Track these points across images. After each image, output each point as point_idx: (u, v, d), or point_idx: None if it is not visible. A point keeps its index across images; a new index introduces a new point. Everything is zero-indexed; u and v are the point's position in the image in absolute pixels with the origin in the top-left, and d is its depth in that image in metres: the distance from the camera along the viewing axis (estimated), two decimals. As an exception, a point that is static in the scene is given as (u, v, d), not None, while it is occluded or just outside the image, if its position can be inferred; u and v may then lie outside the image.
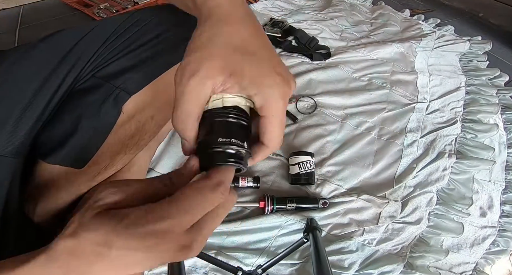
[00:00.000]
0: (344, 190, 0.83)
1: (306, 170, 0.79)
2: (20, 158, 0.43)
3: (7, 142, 0.40)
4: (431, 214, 0.82)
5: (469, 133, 0.99)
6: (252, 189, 0.80)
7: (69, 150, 0.45)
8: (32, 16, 1.33)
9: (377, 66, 1.15)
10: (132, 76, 0.48)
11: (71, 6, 1.39)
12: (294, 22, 1.29)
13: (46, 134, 0.46)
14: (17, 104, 0.41)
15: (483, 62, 1.26)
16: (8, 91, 0.42)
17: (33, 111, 0.42)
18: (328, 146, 0.90)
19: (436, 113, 1.05)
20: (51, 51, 0.46)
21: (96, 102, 0.46)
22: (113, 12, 1.32)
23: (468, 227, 0.82)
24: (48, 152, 0.45)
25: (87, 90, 0.47)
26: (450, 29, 1.39)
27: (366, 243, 0.76)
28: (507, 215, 0.86)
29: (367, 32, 1.34)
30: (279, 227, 0.75)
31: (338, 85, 1.07)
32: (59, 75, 0.45)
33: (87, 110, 0.46)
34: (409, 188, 0.86)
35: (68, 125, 0.45)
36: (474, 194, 0.86)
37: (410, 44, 1.24)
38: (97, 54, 0.48)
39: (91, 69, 0.48)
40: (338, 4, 1.47)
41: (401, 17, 1.46)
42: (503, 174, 0.93)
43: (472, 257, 0.78)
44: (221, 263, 0.64)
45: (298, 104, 0.98)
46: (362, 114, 0.99)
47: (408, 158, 0.92)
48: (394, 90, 1.08)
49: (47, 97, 0.44)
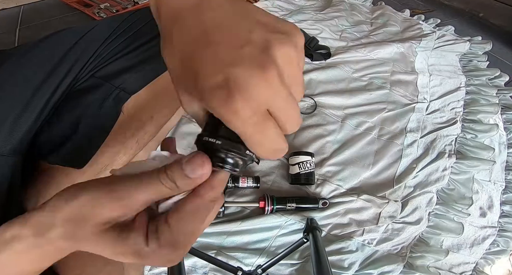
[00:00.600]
0: (344, 190, 0.83)
1: (306, 170, 0.79)
2: (19, 156, 0.43)
3: (6, 141, 0.40)
4: (431, 214, 0.82)
5: (469, 133, 0.99)
6: (252, 189, 0.80)
7: (69, 149, 0.45)
8: (32, 16, 1.33)
9: (377, 66, 1.15)
10: (132, 76, 0.48)
11: (71, 6, 1.39)
12: (294, 22, 1.29)
13: (46, 134, 0.46)
14: (16, 103, 0.42)
15: (483, 62, 1.26)
16: (8, 90, 0.42)
17: (32, 111, 0.43)
18: (328, 146, 0.90)
19: (436, 113, 1.05)
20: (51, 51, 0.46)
21: (96, 102, 0.46)
22: (113, 12, 1.32)
23: (468, 227, 0.82)
24: (48, 152, 0.45)
25: (87, 90, 0.47)
26: (450, 29, 1.39)
27: (366, 243, 0.76)
28: (507, 215, 0.86)
29: (367, 32, 1.34)
30: (279, 227, 0.75)
31: (338, 85, 1.07)
32: (58, 75, 0.45)
33: (87, 110, 0.46)
34: (409, 188, 0.86)
35: (68, 125, 0.46)
36: (474, 194, 0.86)
37: (410, 44, 1.24)
38: (97, 54, 0.48)
39: (90, 69, 0.48)
40: (338, 4, 1.47)
41: (401, 17, 1.46)
42: (503, 174, 0.93)
43: (472, 257, 0.78)
44: (221, 263, 0.64)
45: (299, 104, 0.98)
46: (362, 114, 0.99)
47: (408, 158, 0.92)
48: (394, 90, 1.08)
49: (46, 97, 0.44)
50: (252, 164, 0.26)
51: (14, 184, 0.42)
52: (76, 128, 0.45)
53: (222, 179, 0.23)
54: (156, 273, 0.67)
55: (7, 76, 0.42)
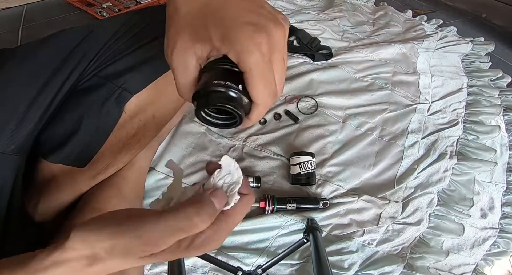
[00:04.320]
0: (345, 191, 0.83)
1: (307, 170, 0.79)
2: (22, 156, 0.43)
3: (10, 140, 0.41)
4: (432, 215, 0.82)
5: (471, 134, 0.99)
6: (252, 189, 0.80)
7: (71, 149, 0.46)
8: (35, 15, 1.34)
9: (379, 67, 1.15)
10: (134, 76, 0.48)
11: (74, 5, 1.39)
12: (296, 22, 1.29)
13: (48, 133, 0.46)
14: (20, 103, 0.42)
15: (485, 63, 1.25)
16: (12, 90, 0.42)
17: (36, 110, 0.43)
18: (329, 146, 0.90)
19: (438, 114, 1.05)
20: (54, 51, 0.46)
21: (98, 101, 0.47)
22: (116, 12, 1.32)
23: (469, 228, 0.82)
24: (50, 151, 0.46)
25: (89, 89, 0.47)
26: (452, 30, 1.39)
27: (366, 244, 0.76)
28: (508, 216, 0.85)
29: (369, 32, 1.34)
30: (280, 227, 0.75)
31: (339, 85, 1.07)
32: (62, 75, 0.45)
33: (89, 110, 0.46)
34: (410, 189, 0.86)
35: (70, 125, 0.46)
36: (475, 195, 0.86)
37: (412, 45, 1.24)
38: (100, 53, 0.48)
39: (93, 68, 0.48)
40: (340, 4, 1.46)
41: (403, 17, 1.46)
42: (504, 176, 0.93)
43: (472, 258, 0.78)
44: (221, 263, 0.64)
45: (300, 104, 0.98)
46: (363, 115, 0.99)
47: (409, 159, 0.92)
48: (396, 91, 1.08)
49: (50, 97, 0.44)
50: (239, 125, 0.29)
51: (17, 183, 0.42)
52: (78, 127, 0.46)
53: None
54: (156, 272, 0.67)
55: (10, 76, 0.43)
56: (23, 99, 0.42)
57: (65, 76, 0.45)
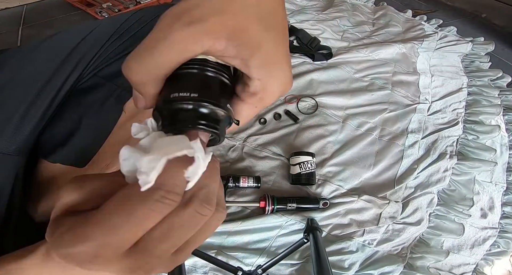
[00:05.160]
0: (345, 191, 0.83)
1: (307, 170, 0.79)
2: (23, 156, 0.43)
3: (10, 141, 0.41)
4: (432, 215, 0.82)
5: (471, 134, 0.99)
6: (252, 189, 0.80)
7: (71, 148, 0.46)
8: (34, 15, 1.34)
9: (378, 67, 1.15)
10: None
11: (73, 5, 1.39)
12: (296, 22, 1.29)
13: (48, 133, 0.46)
14: (21, 103, 0.42)
15: (485, 63, 1.25)
16: (12, 90, 0.42)
17: (36, 111, 0.43)
18: (329, 146, 0.90)
19: (438, 114, 1.05)
20: (54, 51, 0.46)
21: (98, 101, 0.46)
22: (116, 12, 1.32)
23: (469, 228, 0.82)
24: (49, 151, 0.46)
25: (89, 89, 0.47)
26: (452, 30, 1.39)
27: (366, 244, 0.76)
28: (508, 216, 0.85)
29: (369, 32, 1.34)
30: (280, 227, 0.75)
31: (339, 85, 1.07)
32: (62, 75, 0.45)
33: (89, 109, 0.46)
34: (410, 189, 0.86)
35: (70, 124, 0.46)
36: (475, 195, 0.86)
37: (412, 45, 1.24)
38: (99, 53, 0.48)
39: (93, 68, 0.48)
40: (340, 4, 1.47)
41: (403, 17, 1.46)
42: (504, 175, 0.93)
43: (472, 258, 0.78)
44: (221, 263, 0.64)
45: (300, 104, 0.98)
46: (363, 115, 0.99)
47: (409, 159, 0.92)
48: (396, 91, 1.08)
49: (51, 97, 0.44)
50: (229, 126, 0.23)
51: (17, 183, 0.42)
52: (78, 127, 0.45)
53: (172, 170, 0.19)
54: (156, 272, 0.67)
55: (11, 76, 0.43)
56: (24, 99, 0.42)
57: (65, 76, 0.45)
